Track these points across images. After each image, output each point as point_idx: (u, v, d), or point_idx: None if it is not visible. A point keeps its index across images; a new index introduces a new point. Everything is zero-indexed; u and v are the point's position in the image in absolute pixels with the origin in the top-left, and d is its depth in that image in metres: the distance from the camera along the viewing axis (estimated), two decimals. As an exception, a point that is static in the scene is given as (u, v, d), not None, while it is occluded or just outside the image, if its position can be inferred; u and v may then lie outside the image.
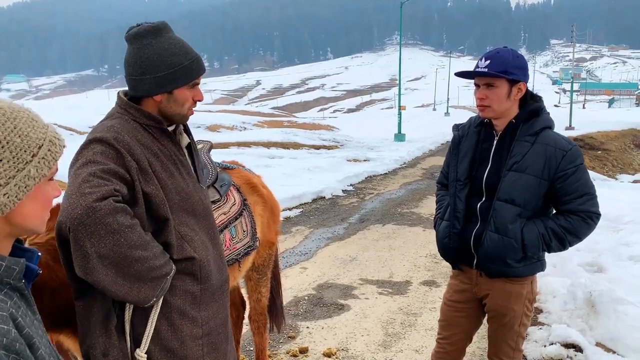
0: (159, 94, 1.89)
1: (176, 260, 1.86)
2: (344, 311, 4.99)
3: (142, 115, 1.89)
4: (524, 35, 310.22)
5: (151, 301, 1.79)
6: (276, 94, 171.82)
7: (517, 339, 2.63)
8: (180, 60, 1.87)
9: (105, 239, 1.66)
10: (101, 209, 1.65)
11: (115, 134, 1.81)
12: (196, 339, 1.93)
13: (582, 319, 4.42)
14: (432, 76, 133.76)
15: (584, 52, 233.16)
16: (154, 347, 1.88)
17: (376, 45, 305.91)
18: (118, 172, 1.74)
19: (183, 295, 1.90)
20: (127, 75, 1.91)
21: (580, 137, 27.00)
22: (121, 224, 1.68)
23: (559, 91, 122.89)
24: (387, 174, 15.12)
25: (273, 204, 3.41)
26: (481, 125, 2.59)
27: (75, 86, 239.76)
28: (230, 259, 2.85)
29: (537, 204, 2.45)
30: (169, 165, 1.90)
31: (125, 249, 1.69)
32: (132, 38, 1.88)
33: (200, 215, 1.99)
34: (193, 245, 1.91)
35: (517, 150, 2.43)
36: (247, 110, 47.53)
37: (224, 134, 23.08)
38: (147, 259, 1.73)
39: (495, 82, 2.40)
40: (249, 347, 4.15)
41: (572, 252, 6.14)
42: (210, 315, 1.98)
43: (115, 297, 1.76)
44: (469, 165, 2.55)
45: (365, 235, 7.89)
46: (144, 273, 1.73)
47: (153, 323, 1.85)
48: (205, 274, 1.95)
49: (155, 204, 1.82)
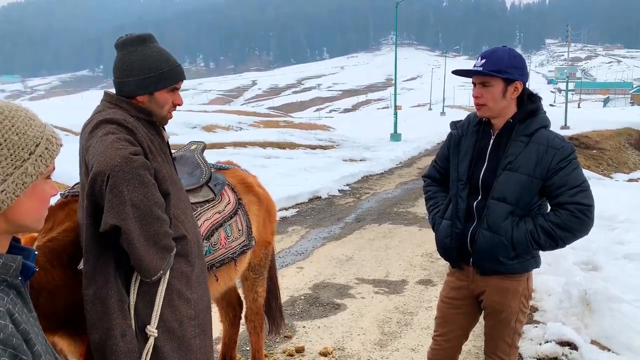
0: (141, 95, 2.10)
1: (174, 239, 1.99)
2: (340, 310, 5.00)
3: (133, 107, 2.08)
4: (520, 34, 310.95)
5: (158, 273, 1.92)
6: (272, 94, 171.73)
7: (513, 336, 2.64)
8: (162, 65, 2.10)
9: (138, 189, 1.84)
10: (136, 160, 1.86)
11: (120, 116, 2.01)
12: (190, 319, 2.06)
13: (577, 317, 4.44)
14: (428, 76, 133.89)
15: (579, 52, 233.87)
16: (158, 329, 1.98)
17: (372, 45, 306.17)
18: (135, 144, 1.95)
19: (180, 276, 2.04)
20: (114, 78, 2.14)
21: (575, 136, 27.09)
22: (149, 179, 1.89)
23: (554, 90, 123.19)
24: (383, 173, 15.14)
25: (269, 203, 3.42)
26: (479, 123, 2.59)
27: (71, 87, 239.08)
28: (226, 258, 2.88)
29: (530, 202, 2.46)
30: (160, 152, 2.11)
31: (152, 204, 1.87)
32: (120, 45, 2.12)
33: (185, 201, 2.17)
34: (184, 226, 2.08)
35: (512, 150, 2.44)
36: (243, 111, 47.51)
37: (219, 134, 23.04)
38: (164, 222, 1.91)
39: (490, 81, 2.41)
40: (245, 346, 4.16)
41: (567, 251, 6.16)
42: (199, 298, 2.11)
43: (135, 259, 1.87)
44: (469, 164, 2.56)
45: (362, 235, 7.90)
46: (160, 236, 1.89)
47: (160, 301, 1.97)
48: (195, 255, 2.11)
49: (160, 179, 2.00)
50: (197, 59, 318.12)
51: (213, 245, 2.78)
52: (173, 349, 2.00)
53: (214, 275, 2.79)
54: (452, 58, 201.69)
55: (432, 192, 2.83)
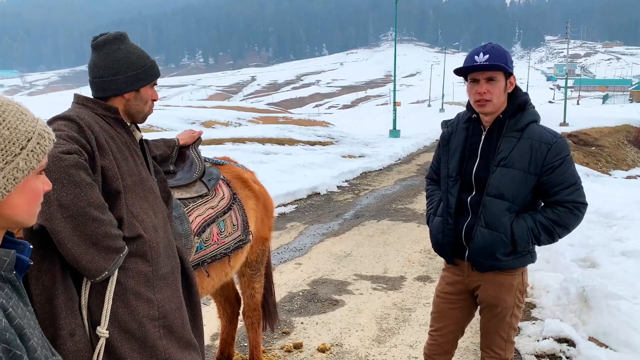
0: (129, 91, 2.12)
1: (127, 239, 1.96)
2: (339, 307, 5.00)
3: (99, 106, 2.09)
4: (519, 31, 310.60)
5: (103, 274, 1.87)
6: (271, 90, 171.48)
7: (508, 330, 2.66)
8: (145, 62, 2.15)
9: (67, 188, 1.79)
10: (66, 159, 1.81)
11: (76, 114, 2.00)
12: (153, 320, 2.01)
13: (575, 314, 4.45)
14: (427, 72, 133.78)
15: (578, 49, 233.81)
16: (113, 329, 1.94)
17: (371, 42, 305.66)
18: (80, 141, 1.92)
19: (136, 276, 2.00)
20: (95, 78, 2.12)
21: (574, 133, 27.12)
22: (83, 178, 1.83)
23: (553, 87, 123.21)
24: (382, 170, 15.13)
25: (266, 199, 3.40)
26: (469, 120, 2.61)
27: (70, 82, 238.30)
28: (219, 253, 2.85)
29: (525, 198, 2.49)
30: (123, 149, 2.08)
31: (85, 204, 1.81)
32: (100, 45, 2.12)
33: (152, 201, 2.13)
34: (143, 225, 2.03)
35: (504, 146, 2.46)
36: (242, 107, 47.43)
37: (219, 130, 22.99)
38: (104, 222, 1.85)
39: (497, 76, 2.42)
40: (243, 342, 4.16)
41: (565, 248, 6.18)
42: (164, 299, 2.06)
43: (70, 259, 1.83)
44: (459, 161, 2.58)
45: (360, 231, 7.90)
46: (99, 237, 1.83)
47: (109, 301, 1.92)
48: (155, 255, 2.05)
49: (109, 177, 1.97)
50: (196, 55, 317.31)
51: (205, 241, 2.75)
52: (133, 349, 1.95)
53: (205, 271, 2.77)
54: (451, 54, 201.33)
55: (430, 190, 2.87)
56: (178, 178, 2.75)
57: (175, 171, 2.78)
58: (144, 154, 2.23)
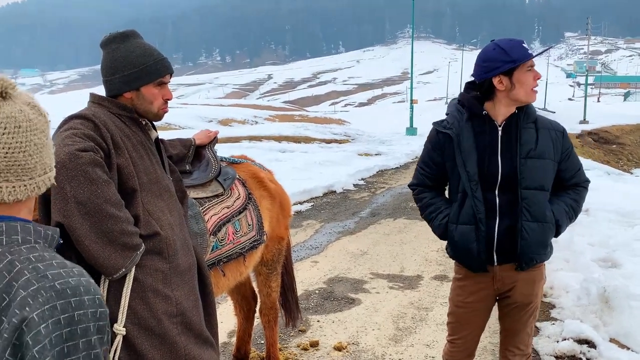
0: (127, 91, 2.09)
1: (144, 237, 1.96)
2: (355, 305, 4.99)
3: (114, 105, 2.08)
4: (538, 27, 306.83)
5: (120, 271, 1.88)
6: (287, 87, 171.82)
7: (532, 325, 2.68)
8: (145, 60, 2.08)
9: (83, 186, 1.80)
10: (82, 157, 1.81)
11: (91, 112, 2.00)
12: (171, 316, 2.01)
13: (596, 315, 4.37)
14: (444, 69, 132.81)
15: (599, 45, 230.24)
16: (132, 326, 1.94)
17: (388, 39, 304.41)
18: (96, 139, 1.92)
19: (154, 273, 2.00)
20: (102, 78, 2.14)
21: (594, 131, 26.73)
22: (99, 175, 1.84)
23: (573, 84, 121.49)
24: (399, 168, 15.07)
25: (282, 198, 3.39)
26: (472, 118, 2.48)
27: (89, 80, 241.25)
28: (234, 253, 2.86)
29: (551, 185, 2.55)
30: (139, 148, 2.07)
31: (102, 202, 1.82)
32: (104, 44, 2.13)
33: (167, 200, 2.12)
34: (159, 223, 2.03)
35: (526, 138, 2.44)
36: (258, 105, 47.62)
37: (235, 128, 23.12)
38: (120, 219, 1.85)
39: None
40: (259, 340, 4.17)
41: (585, 247, 6.08)
42: (182, 296, 2.06)
43: (87, 257, 1.84)
44: (476, 162, 2.45)
45: (377, 230, 7.87)
46: (116, 234, 1.84)
47: (126, 298, 1.93)
48: (172, 252, 2.06)
49: (125, 175, 1.97)
50: (213, 53, 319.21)
51: (220, 241, 2.75)
52: (153, 345, 1.96)
53: (221, 270, 2.78)
54: (469, 51, 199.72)
55: (429, 198, 2.63)
56: (194, 177, 2.76)
57: (191, 171, 2.78)
58: (160, 153, 2.23)
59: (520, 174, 2.41)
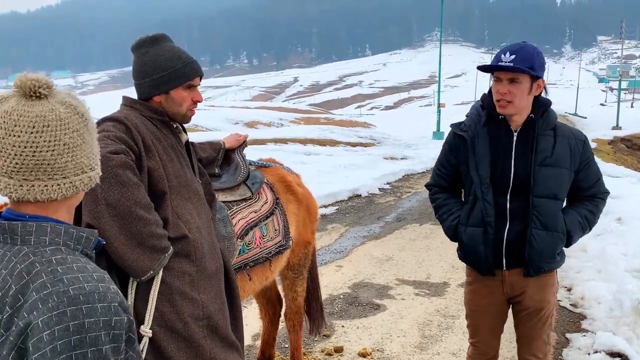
0: (156, 95, 2.11)
1: (172, 240, 1.97)
2: (380, 311, 4.94)
3: (146, 108, 2.11)
4: (570, 31, 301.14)
5: (148, 273, 1.89)
6: (313, 90, 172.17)
7: (549, 333, 2.64)
8: (174, 64, 2.09)
9: (114, 188, 1.82)
10: (113, 159, 1.83)
11: (123, 115, 2.04)
12: (198, 320, 2.02)
13: (629, 327, 4.24)
14: (472, 73, 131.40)
15: (633, 49, 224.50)
16: (159, 328, 1.96)
17: (415, 42, 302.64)
18: (128, 142, 1.95)
19: (181, 276, 2.01)
20: (133, 81, 2.18)
21: (627, 137, 26.06)
22: (130, 178, 1.86)
23: (606, 89, 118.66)
24: (425, 172, 14.91)
25: (309, 202, 3.38)
26: (489, 122, 2.49)
27: (118, 82, 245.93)
28: (261, 257, 2.86)
29: (566, 194, 2.53)
30: (169, 151, 2.11)
31: (131, 204, 1.84)
32: (134, 48, 2.16)
33: (196, 203, 2.14)
34: (188, 226, 2.05)
35: (543, 145, 2.42)
36: (284, 107, 47.89)
37: (261, 131, 23.24)
38: (149, 222, 1.87)
39: (520, 78, 2.35)
40: (284, 343, 4.16)
41: (618, 257, 5.92)
42: (209, 299, 2.07)
43: (116, 258, 1.85)
44: (489, 166, 2.46)
45: (402, 235, 7.80)
46: (145, 236, 1.85)
47: (154, 300, 1.94)
48: (200, 255, 2.06)
49: (155, 178, 1.99)
50: (240, 56, 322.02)
51: (247, 245, 2.76)
52: (179, 348, 1.98)
53: (247, 274, 2.78)
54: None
55: (442, 199, 2.69)
56: (223, 181, 2.77)
57: (220, 174, 2.80)
58: (189, 156, 2.25)
59: (533, 181, 2.42)
